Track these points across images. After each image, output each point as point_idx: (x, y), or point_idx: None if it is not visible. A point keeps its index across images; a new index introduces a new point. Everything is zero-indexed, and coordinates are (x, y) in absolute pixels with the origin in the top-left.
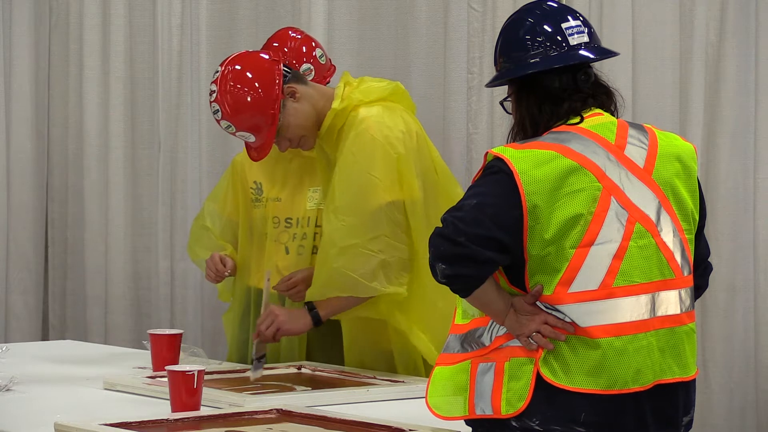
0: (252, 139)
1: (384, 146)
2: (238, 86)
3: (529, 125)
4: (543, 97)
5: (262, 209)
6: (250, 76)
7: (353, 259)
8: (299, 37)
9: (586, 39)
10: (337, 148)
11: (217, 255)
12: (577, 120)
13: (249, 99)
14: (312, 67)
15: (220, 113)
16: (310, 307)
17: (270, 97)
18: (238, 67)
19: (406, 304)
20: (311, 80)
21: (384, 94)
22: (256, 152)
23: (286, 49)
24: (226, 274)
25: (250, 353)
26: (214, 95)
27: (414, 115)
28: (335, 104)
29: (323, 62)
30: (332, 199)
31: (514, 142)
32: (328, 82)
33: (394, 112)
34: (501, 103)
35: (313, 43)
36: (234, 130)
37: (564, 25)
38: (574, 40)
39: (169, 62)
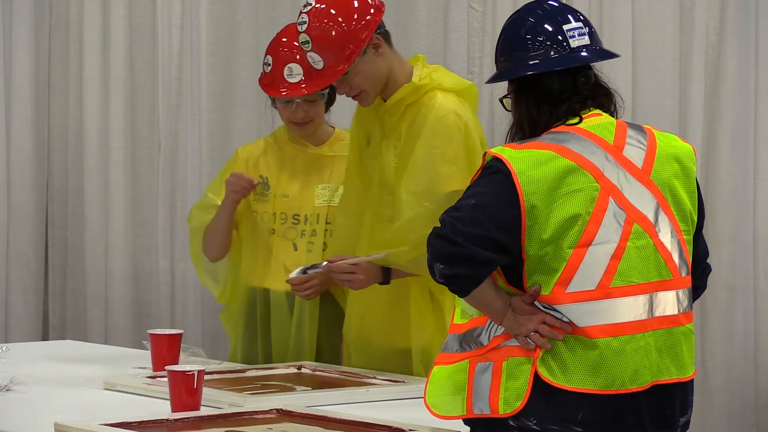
0: (319, 66)
1: (464, 136)
2: (334, 11)
3: (528, 126)
4: (542, 97)
5: (268, 205)
6: (350, 5)
7: None
8: None
9: (587, 41)
10: (401, 123)
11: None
12: (575, 120)
13: (339, 28)
14: None
15: (306, 26)
16: (386, 267)
17: (358, 36)
18: None
19: None
20: None
21: (459, 87)
22: (311, 82)
23: (296, 43)
24: (255, 182)
25: (259, 352)
26: (309, 8)
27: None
28: (415, 79)
29: None
30: (410, 180)
31: (512, 142)
32: None
33: (466, 107)
34: (500, 100)
35: None
36: (309, 48)
37: (566, 27)
38: (575, 42)
39: (169, 62)
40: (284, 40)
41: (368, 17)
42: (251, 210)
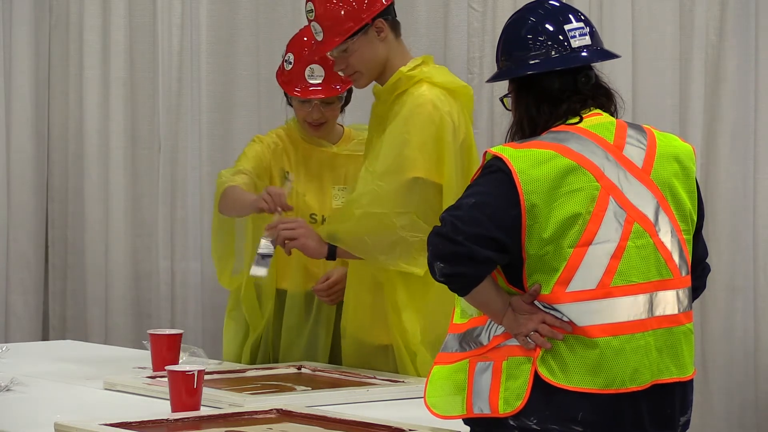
0: (319, 36)
1: (437, 128)
2: None
3: (527, 125)
4: (542, 97)
5: (291, 200)
6: None
7: (373, 228)
8: None
9: (587, 41)
10: (390, 111)
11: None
12: (576, 120)
13: (343, 2)
14: None
15: None
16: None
17: (359, 14)
18: None
19: (415, 282)
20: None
21: (450, 85)
22: (317, 48)
23: (314, 42)
24: (287, 210)
25: (270, 351)
26: None
27: (471, 124)
28: (404, 68)
29: None
30: (374, 159)
31: (512, 141)
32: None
33: (452, 104)
34: (501, 100)
35: None
36: (312, 17)
37: (567, 27)
38: (576, 42)
39: (169, 62)
40: (305, 39)
41: None
42: None
